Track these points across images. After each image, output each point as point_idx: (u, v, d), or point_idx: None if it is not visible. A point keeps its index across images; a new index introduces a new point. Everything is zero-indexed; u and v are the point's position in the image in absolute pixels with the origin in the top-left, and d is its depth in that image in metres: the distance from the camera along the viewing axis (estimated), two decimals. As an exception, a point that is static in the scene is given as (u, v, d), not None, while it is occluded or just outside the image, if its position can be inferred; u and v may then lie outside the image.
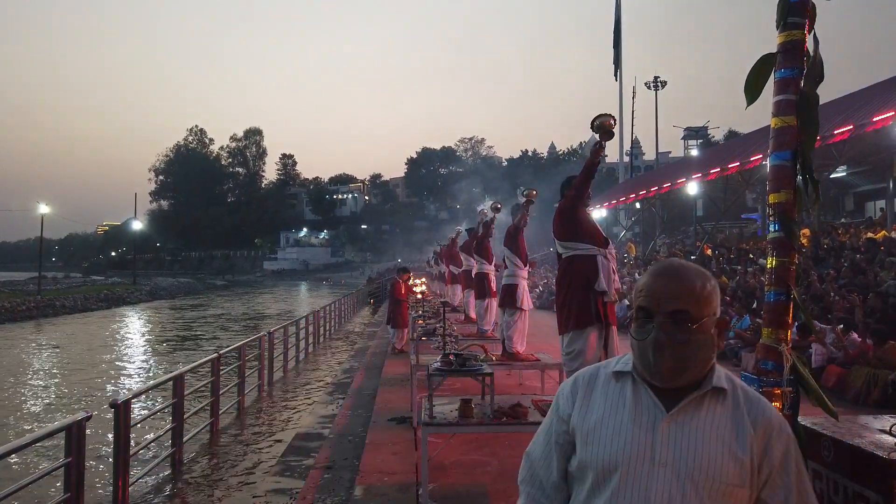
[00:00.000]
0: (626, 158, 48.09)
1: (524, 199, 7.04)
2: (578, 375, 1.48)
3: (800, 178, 2.46)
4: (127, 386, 14.28)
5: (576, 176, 5.05)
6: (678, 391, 1.34)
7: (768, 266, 2.47)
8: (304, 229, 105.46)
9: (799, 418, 2.52)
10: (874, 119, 13.51)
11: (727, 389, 1.35)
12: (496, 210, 9.41)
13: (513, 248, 7.49)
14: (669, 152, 71.87)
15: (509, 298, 7.34)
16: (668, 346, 1.30)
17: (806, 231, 16.14)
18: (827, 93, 2.53)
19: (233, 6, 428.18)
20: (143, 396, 10.42)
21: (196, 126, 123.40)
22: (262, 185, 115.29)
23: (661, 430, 1.32)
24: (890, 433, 2.57)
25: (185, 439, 6.99)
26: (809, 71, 2.43)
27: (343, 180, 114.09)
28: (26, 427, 10.60)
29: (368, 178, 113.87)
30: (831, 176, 20.66)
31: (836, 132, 14.16)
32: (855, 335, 8.57)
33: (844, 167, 20.68)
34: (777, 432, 1.34)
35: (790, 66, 2.40)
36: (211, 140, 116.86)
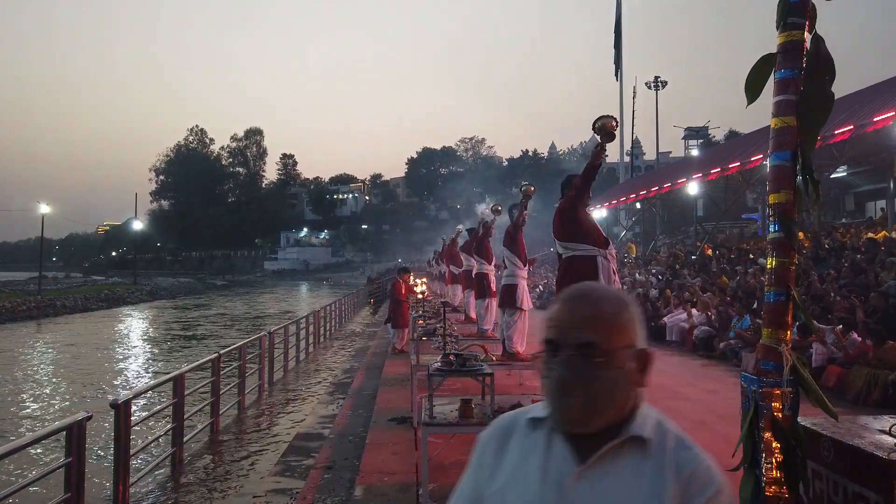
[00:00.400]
0: (627, 158, 48.10)
1: (521, 195, 7.07)
2: (496, 424, 1.27)
3: (800, 178, 2.46)
4: (127, 386, 14.28)
5: (576, 175, 5.07)
6: (597, 439, 1.13)
7: (768, 266, 2.48)
8: (305, 229, 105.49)
9: (799, 418, 2.52)
10: (875, 119, 13.51)
11: (650, 438, 1.13)
12: (496, 213, 9.45)
13: (512, 248, 7.48)
14: (670, 152, 71.89)
15: (509, 298, 7.34)
16: (574, 385, 1.11)
17: (800, 234, 16.15)
18: (828, 92, 2.51)
19: (233, 6, 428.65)
20: (144, 396, 10.42)
21: (196, 126, 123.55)
22: (263, 185, 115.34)
23: (568, 489, 1.11)
24: (889, 433, 2.57)
25: (185, 439, 7.00)
26: (820, 69, 2.42)
27: (343, 180, 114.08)
28: (27, 427, 10.60)
29: (369, 177, 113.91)
30: (832, 176, 20.67)
31: (836, 132, 14.16)
32: (855, 335, 8.57)
33: (845, 167, 20.69)
34: (703, 483, 1.11)
35: (790, 67, 2.40)
36: (211, 140, 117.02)
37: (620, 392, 1.14)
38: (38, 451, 8.30)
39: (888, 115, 13.11)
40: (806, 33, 2.40)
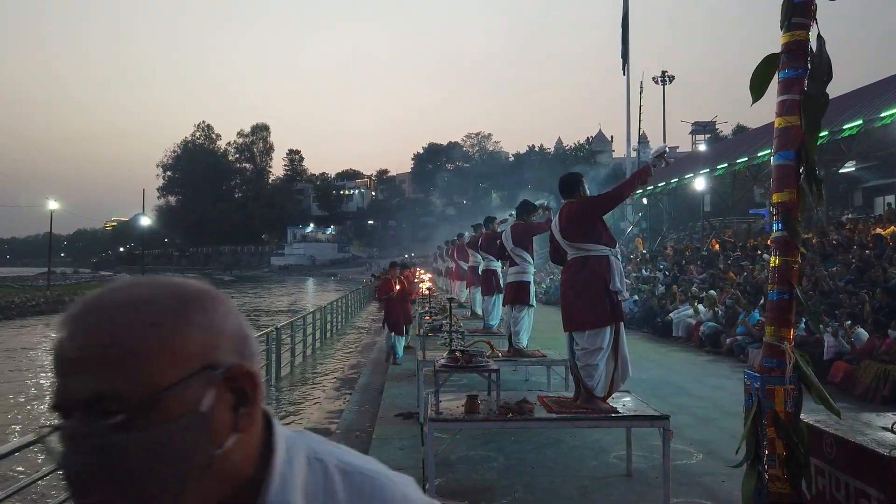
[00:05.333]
0: (634, 154, 47.91)
1: (545, 209, 7.52)
2: None
3: (803, 177, 2.48)
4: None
5: (580, 174, 5.11)
6: None
7: (771, 265, 2.49)
8: (311, 225, 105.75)
9: (802, 415, 2.54)
10: (883, 114, 13.45)
11: None
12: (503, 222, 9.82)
13: (524, 246, 7.54)
14: (677, 147, 71.55)
15: (520, 295, 7.37)
16: (93, 478, 0.63)
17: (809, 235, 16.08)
18: (836, 88, 2.52)
19: (240, 3, 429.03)
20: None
21: (203, 122, 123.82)
22: (269, 181, 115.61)
23: None
24: (892, 431, 2.58)
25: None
26: (817, 71, 2.44)
27: (350, 176, 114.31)
28: (35, 424, 10.71)
29: (375, 173, 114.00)
30: (840, 171, 20.57)
31: (845, 127, 14.10)
32: (861, 330, 8.56)
33: (853, 162, 20.58)
34: None
35: (794, 67, 2.41)
36: (218, 136, 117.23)
37: (199, 459, 0.66)
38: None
39: (897, 109, 13.04)
40: (809, 33, 2.42)
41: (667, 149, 4.70)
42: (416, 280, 14.53)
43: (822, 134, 2.57)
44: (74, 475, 0.64)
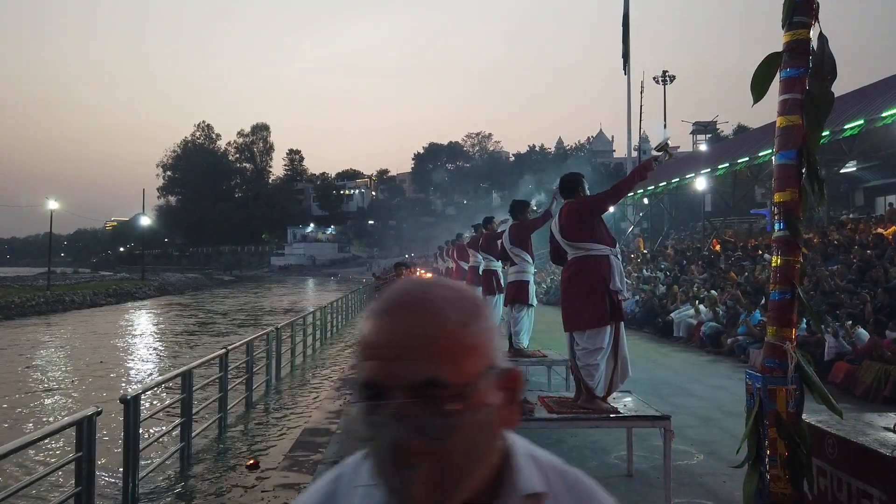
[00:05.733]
0: (634, 153, 47.91)
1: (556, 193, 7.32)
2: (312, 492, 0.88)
3: (805, 176, 2.46)
4: (136, 381, 14.38)
5: (579, 174, 5.10)
6: None
7: (773, 265, 2.48)
8: (311, 225, 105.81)
9: (804, 416, 2.53)
10: (884, 114, 13.44)
11: (545, 492, 0.79)
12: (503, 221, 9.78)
13: (522, 245, 7.52)
14: (678, 147, 71.52)
15: (520, 294, 7.37)
16: (419, 449, 0.71)
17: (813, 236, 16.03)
18: (837, 87, 2.51)
19: (240, 3, 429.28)
20: (153, 391, 10.49)
21: (203, 121, 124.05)
22: (270, 181, 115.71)
23: None
24: (894, 431, 2.57)
25: (193, 434, 7.05)
26: (821, 70, 2.43)
27: (350, 175, 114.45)
28: (39, 421, 10.70)
29: (375, 173, 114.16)
30: (841, 171, 20.56)
31: (846, 127, 14.10)
32: (862, 330, 8.55)
33: (854, 162, 20.57)
34: None
35: (796, 66, 2.40)
36: (218, 136, 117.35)
37: (488, 444, 0.75)
38: (60, 443, 8.38)
39: (898, 109, 13.03)
40: (811, 32, 2.40)
41: (669, 140, 4.65)
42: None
43: (823, 133, 2.55)
44: (395, 447, 0.72)
